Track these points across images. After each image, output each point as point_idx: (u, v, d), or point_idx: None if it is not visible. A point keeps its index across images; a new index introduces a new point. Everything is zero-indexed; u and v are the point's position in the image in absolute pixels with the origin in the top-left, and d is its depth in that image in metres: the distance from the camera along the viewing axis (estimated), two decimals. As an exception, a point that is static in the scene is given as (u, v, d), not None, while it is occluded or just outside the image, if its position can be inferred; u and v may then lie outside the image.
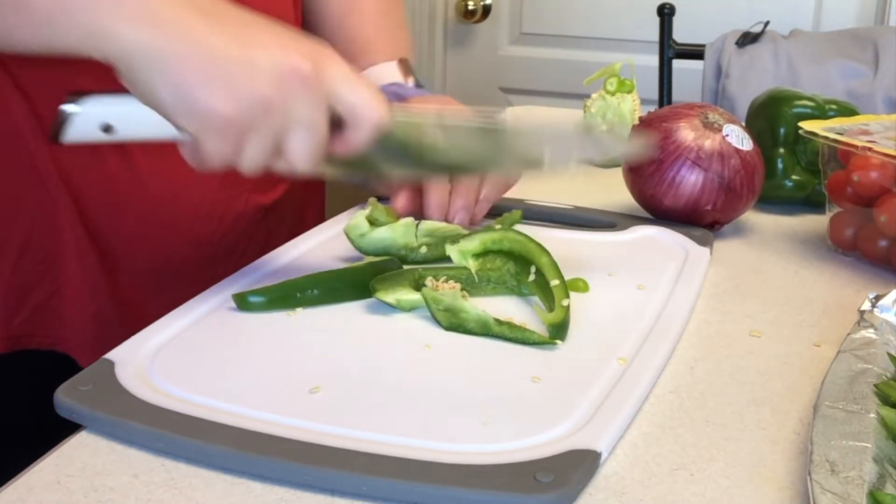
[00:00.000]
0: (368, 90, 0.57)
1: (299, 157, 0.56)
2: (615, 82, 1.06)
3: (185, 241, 0.75)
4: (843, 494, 0.40)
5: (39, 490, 0.44)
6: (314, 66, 0.54)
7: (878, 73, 1.51)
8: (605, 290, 0.65)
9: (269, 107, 0.53)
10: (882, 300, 0.59)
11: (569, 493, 0.42)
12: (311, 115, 0.54)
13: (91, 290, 0.72)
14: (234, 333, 0.58)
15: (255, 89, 0.53)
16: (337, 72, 0.55)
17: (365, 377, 0.52)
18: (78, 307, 0.72)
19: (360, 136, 0.57)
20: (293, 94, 0.53)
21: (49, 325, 0.72)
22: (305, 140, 0.55)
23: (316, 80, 0.54)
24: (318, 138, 0.56)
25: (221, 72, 0.52)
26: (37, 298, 0.72)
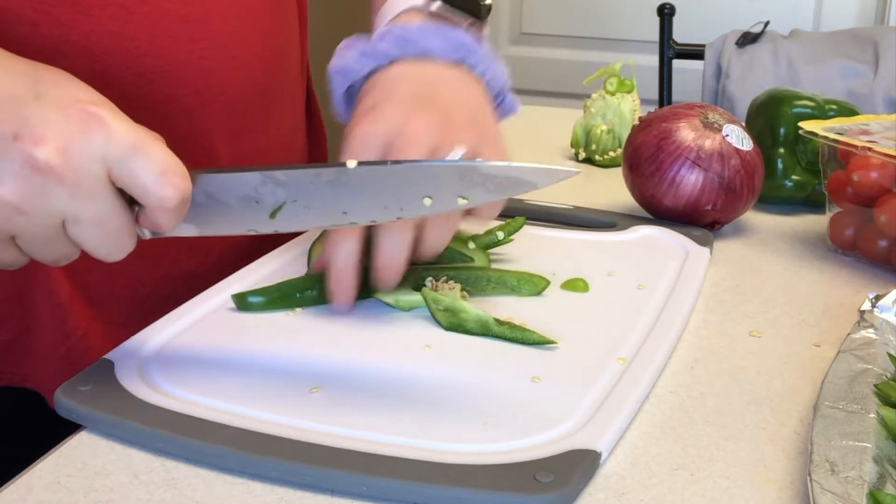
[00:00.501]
0: (152, 163, 0.46)
1: (95, 251, 0.48)
2: (615, 82, 1.06)
3: (169, 275, 0.70)
4: (843, 494, 0.40)
5: (39, 490, 0.44)
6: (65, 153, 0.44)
7: (878, 73, 1.51)
8: (605, 290, 0.65)
9: (14, 211, 0.45)
10: (882, 300, 0.59)
11: (569, 494, 0.42)
12: (80, 210, 0.45)
13: (61, 327, 0.66)
14: (234, 334, 0.58)
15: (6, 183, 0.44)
16: (107, 148, 0.45)
17: (365, 377, 0.52)
18: (49, 345, 0.67)
19: (159, 217, 0.48)
20: (44, 193, 0.44)
21: (19, 363, 0.67)
22: (89, 235, 0.47)
23: (71, 170, 0.44)
24: (107, 229, 0.47)
25: None
26: (5, 335, 0.66)
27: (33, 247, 0.47)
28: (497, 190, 0.50)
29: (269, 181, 0.50)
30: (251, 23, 0.71)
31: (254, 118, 0.73)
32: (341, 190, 0.50)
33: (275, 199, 0.51)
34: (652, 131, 0.79)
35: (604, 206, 0.85)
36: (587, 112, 1.06)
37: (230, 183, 0.50)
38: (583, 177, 1.02)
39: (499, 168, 0.50)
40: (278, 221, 0.51)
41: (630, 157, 0.81)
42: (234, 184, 0.50)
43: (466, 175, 0.49)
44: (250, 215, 0.51)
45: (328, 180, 0.50)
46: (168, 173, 0.46)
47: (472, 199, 0.50)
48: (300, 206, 0.51)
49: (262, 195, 0.51)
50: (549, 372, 0.53)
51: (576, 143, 1.06)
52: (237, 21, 0.69)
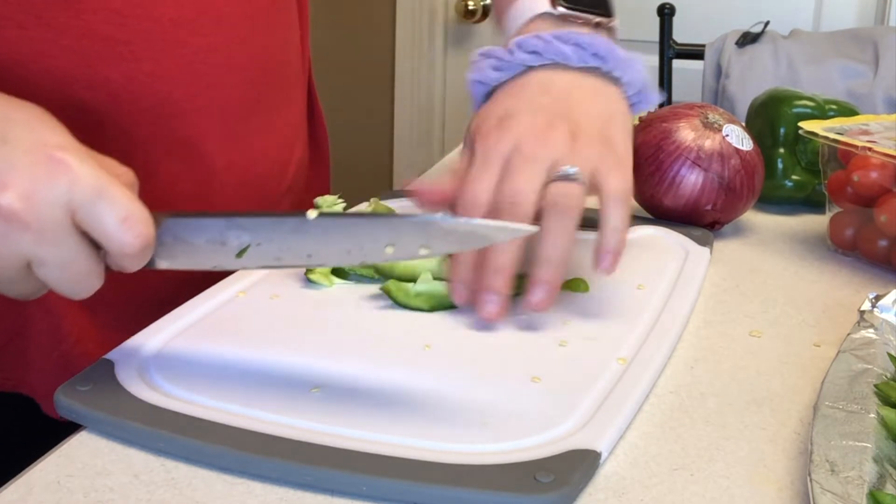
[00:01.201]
0: (115, 209, 0.46)
1: (63, 290, 0.48)
2: (615, 82, 1.06)
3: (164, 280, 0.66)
4: (843, 494, 0.40)
5: (39, 490, 0.44)
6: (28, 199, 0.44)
7: (878, 73, 1.51)
8: (605, 290, 0.65)
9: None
10: (882, 300, 0.59)
11: (569, 494, 0.42)
12: (44, 254, 0.46)
13: (54, 332, 0.66)
14: (234, 334, 0.58)
15: None
16: (70, 194, 0.45)
17: (365, 377, 0.52)
18: (42, 350, 0.66)
19: (124, 260, 0.48)
20: (7, 237, 0.45)
21: (11, 368, 0.67)
22: (56, 277, 0.47)
23: (34, 215, 0.44)
24: (72, 271, 0.47)
25: None
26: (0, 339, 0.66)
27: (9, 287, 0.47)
28: (458, 242, 0.52)
29: (234, 226, 0.51)
30: (246, 26, 0.70)
31: (249, 122, 0.73)
32: (303, 237, 0.51)
33: (239, 241, 0.51)
34: (652, 131, 0.79)
35: (604, 206, 0.84)
36: (587, 112, 1.06)
37: (195, 227, 0.51)
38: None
39: (458, 224, 0.51)
40: (245, 260, 0.52)
41: (630, 157, 0.81)
42: (199, 227, 0.51)
43: (426, 229, 0.51)
44: (217, 255, 0.52)
45: (290, 229, 0.51)
46: (130, 220, 0.46)
47: (434, 249, 0.52)
48: (266, 247, 0.52)
49: (227, 238, 0.51)
50: (549, 372, 0.53)
51: (576, 143, 1.06)
52: (230, 25, 0.69)
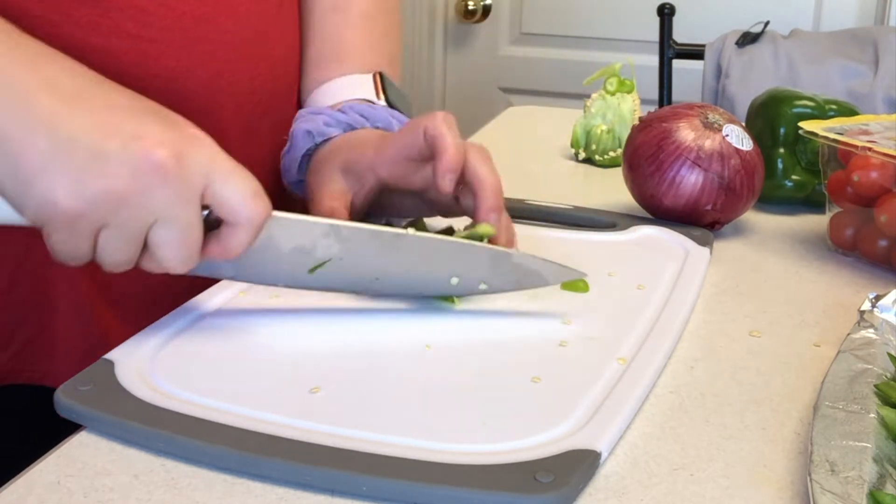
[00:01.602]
0: (246, 184, 0.51)
1: (168, 256, 0.51)
2: (615, 82, 1.06)
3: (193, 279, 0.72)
4: (843, 494, 0.40)
5: (39, 490, 0.44)
6: (179, 159, 0.49)
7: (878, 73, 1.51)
8: (605, 290, 0.65)
9: (121, 202, 0.48)
10: (882, 300, 0.59)
11: (569, 494, 0.42)
12: (176, 212, 0.49)
13: (82, 324, 0.69)
14: (234, 333, 0.58)
15: (105, 183, 0.48)
16: (210, 165, 0.50)
17: (365, 377, 0.52)
18: (68, 343, 0.69)
19: (238, 237, 0.52)
20: (151, 190, 0.48)
21: (38, 361, 0.69)
22: (172, 239, 0.50)
23: (180, 175, 0.49)
24: (189, 237, 0.50)
25: (67, 160, 0.47)
26: (25, 334, 0.68)
27: (113, 242, 0.50)
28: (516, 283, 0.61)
29: (333, 233, 0.56)
30: (260, 23, 0.73)
31: (265, 118, 0.75)
32: (389, 253, 0.58)
33: (325, 253, 0.56)
34: (652, 131, 0.79)
35: (604, 206, 0.85)
36: (587, 112, 1.06)
37: (297, 227, 0.55)
38: (583, 177, 1.02)
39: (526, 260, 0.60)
40: (313, 279, 0.57)
41: (630, 157, 0.81)
42: (300, 228, 0.55)
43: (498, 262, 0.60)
44: (293, 267, 0.56)
45: (385, 242, 0.57)
46: (258, 195, 0.51)
47: (491, 286, 0.61)
48: (343, 264, 0.57)
49: (316, 247, 0.56)
50: (549, 372, 0.53)
51: (576, 143, 1.06)
52: (246, 22, 0.71)
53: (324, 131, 0.71)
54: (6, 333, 0.68)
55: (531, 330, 0.59)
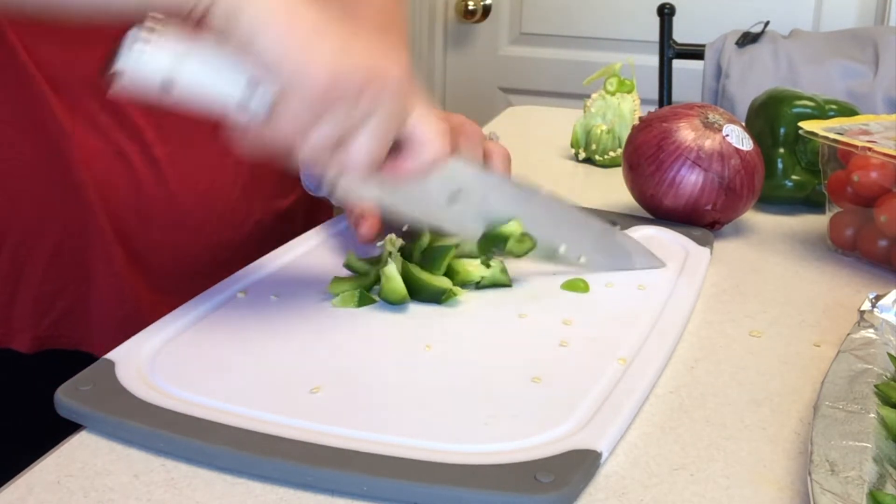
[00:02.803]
0: (441, 126, 0.58)
1: (357, 157, 0.55)
2: (615, 82, 1.06)
3: (208, 246, 0.77)
4: (843, 494, 0.40)
5: (39, 490, 0.44)
6: (405, 83, 0.55)
7: (878, 73, 1.51)
8: (605, 290, 0.65)
9: (359, 93, 0.53)
10: (882, 300, 0.59)
11: (569, 494, 0.42)
12: (387, 122, 0.55)
13: (118, 294, 0.74)
14: (234, 333, 0.58)
15: (356, 71, 0.53)
16: (418, 98, 0.57)
17: (365, 377, 0.52)
18: (105, 311, 0.74)
19: (415, 165, 0.58)
20: (382, 95, 0.54)
21: (75, 328, 0.74)
22: (371, 143, 0.55)
23: (402, 96, 0.55)
24: (382, 147, 0.56)
25: (334, 39, 0.53)
26: (65, 302, 0.74)
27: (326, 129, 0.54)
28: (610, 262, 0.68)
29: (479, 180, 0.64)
30: None
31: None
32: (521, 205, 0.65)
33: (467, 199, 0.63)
34: (652, 131, 0.79)
35: (604, 206, 0.85)
36: (587, 112, 1.06)
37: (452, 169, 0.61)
38: (583, 177, 1.02)
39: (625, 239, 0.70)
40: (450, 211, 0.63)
41: (630, 157, 0.81)
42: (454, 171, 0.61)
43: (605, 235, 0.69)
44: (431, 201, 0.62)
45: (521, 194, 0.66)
46: (446, 136, 0.58)
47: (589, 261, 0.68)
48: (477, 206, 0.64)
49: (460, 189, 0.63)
50: (550, 372, 0.53)
51: (576, 143, 1.06)
52: None
53: None
54: (47, 301, 0.74)
55: (531, 330, 0.59)
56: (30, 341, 0.74)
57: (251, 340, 0.57)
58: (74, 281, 0.73)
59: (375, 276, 0.63)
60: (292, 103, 0.52)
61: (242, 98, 0.53)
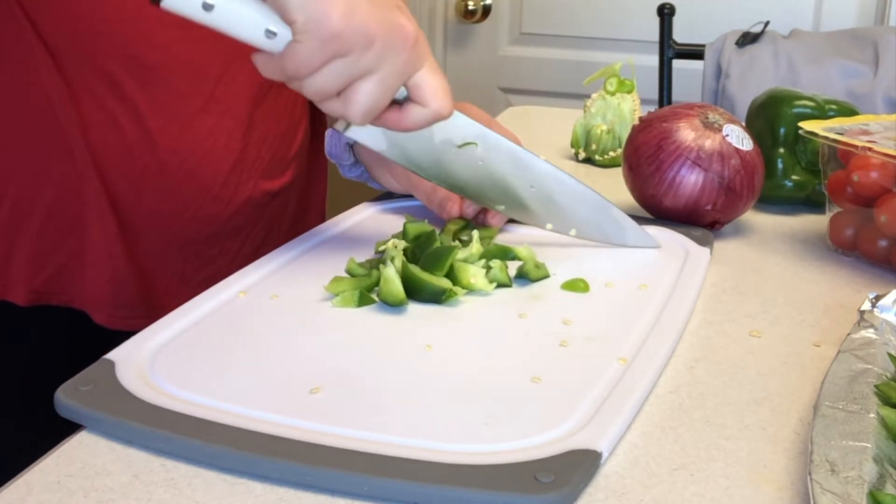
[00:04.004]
0: (444, 82, 0.61)
1: (360, 104, 0.58)
2: (615, 82, 1.06)
3: (197, 218, 0.80)
4: (843, 494, 0.40)
5: (39, 490, 0.44)
6: (417, 42, 0.58)
7: (878, 73, 1.51)
8: (606, 290, 0.65)
9: (370, 43, 0.56)
10: (882, 300, 0.59)
11: (569, 494, 0.42)
12: (392, 73, 0.58)
13: (109, 255, 0.78)
14: (234, 334, 0.58)
15: (369, 22, 0.56)
16: (428, 55, 0.60)
17: (365, 377, 0.52)
18: (96, 270, 0.78)
19: (418, 116, 0.60)
20: (391, 47, 0.57)
21: (69, 284, 0.79)
22: (375, 91, 0.58)
23: (414, 50, 0.58)
24: (384, 98, 0.58)
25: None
26: (59, 259, 0.78)
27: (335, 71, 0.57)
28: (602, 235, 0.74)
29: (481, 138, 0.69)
30: None
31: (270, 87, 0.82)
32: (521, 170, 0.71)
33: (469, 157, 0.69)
34: (652, 131, 0.79)
35: (604, 206, 0.84)
36: (587, 112, 1.06)
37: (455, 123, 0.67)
38: (583, 177, 1.02)
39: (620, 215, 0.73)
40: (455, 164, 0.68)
41: (630, 157, 0.81)
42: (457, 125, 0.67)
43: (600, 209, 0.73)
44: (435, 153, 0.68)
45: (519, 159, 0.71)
46: (449, 95, 0.61)
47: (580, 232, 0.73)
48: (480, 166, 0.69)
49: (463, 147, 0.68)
50: (550, 372, 0.53)
51: (576, 143, 1.06)
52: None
53: None
54: (43, 258, 0.78)
55: (531, 330, 0.59)
56: (26, 295, 0.78)
57: (251, 340, 0.57)
58: (69, 239, 0.77)
59: (376, 278, 0.63)
60: (305, 43, 0.55)
61: (268, 29, 0.56)
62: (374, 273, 0.64)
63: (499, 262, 0.66)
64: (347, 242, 0.73)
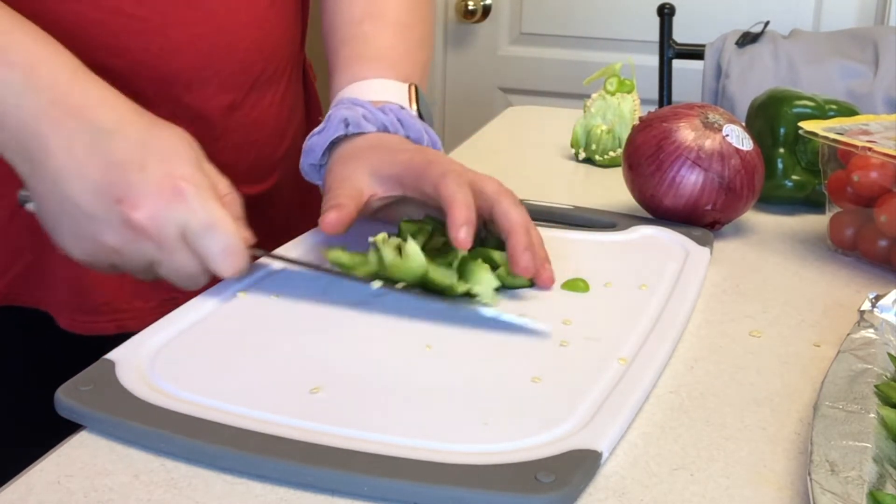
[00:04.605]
0: (221, 242, 0.58)
1: (176, 283, 0.60)
2: (615, 82, 1.06)
3: None
4: (843, 494, 0.40)
5: (39, 490, 0.44)
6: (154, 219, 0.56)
7: (878, 73, 1.51)
8: (606, 290, 0.65)
9: (115, 252, 0.58)
10: (882, 300, 0.59)
11: (570, 494, 0.42)
12: (164, 256, 0.58)
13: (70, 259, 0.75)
14: (234, 333, 0.58)
15: (98, 240, 0.57)
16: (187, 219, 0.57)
17: (365, 377, 0.52)
18: (59, 273, 0.76)
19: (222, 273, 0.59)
20: (135, 243, 0.57)
21: (34, 287, 0.78)
22: (171, 274, 0.59)
23: (158, 233, 0.57)
24: (183, 271, 0.59)
25: (70, 222, 0.58)
26: (23, 262, 0.76)
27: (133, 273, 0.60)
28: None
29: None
30: (248, 11, 0.79)
31: (248, 94, 0.81)
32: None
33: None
34: (652, 131, 0.79)
35: (604, 206, 0.85)
36: (587, 112, 1.06)
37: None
38: (583, 177, 1.02)
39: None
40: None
41: (630, 157, 0.81)
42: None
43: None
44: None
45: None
46: (228, 252, 0.58)
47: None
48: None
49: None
50: (550, 372, 0.53)
51: (576, 143, 1.06)
52: (235, 8, 0.78)
53: (360, 124, 0.72)
54: (6, 261, 0.77)
55: (531, 330, 0.59)
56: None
57: (251, 340, 0.57)
58: (31, 244, 0.76)
59: (376, 263, 0.62)
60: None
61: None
62: (374, 256, 0.63)
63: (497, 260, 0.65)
64: (347, 242, 0.72)
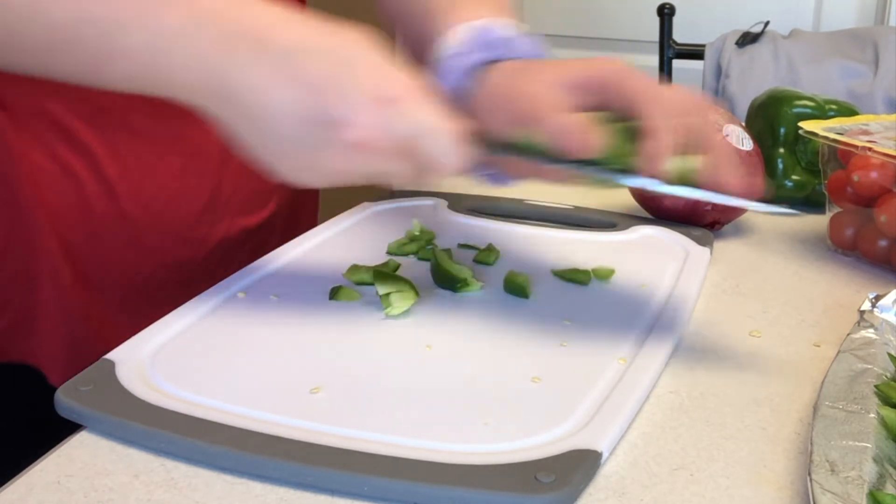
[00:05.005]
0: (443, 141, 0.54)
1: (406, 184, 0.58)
2: (615, 82, 1.06)
3: (164, 264, 0.74)
4: (843, 494, 0.40)
5: (39, 490, 0.44)
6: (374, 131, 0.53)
7: (878, 73, 1.51)
8: (606, 290, 0.65)
9: (348, 173, 0.55)
10: (882, 300, 0.59)
11: (570, 493, 0.42)
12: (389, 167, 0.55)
13: (64, 310, 0.71)
14: (234, 333, 0.58)
15: (330, 168, 0.54)
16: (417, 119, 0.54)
17: (365, 377, 0.52)
18: (51, 326, 0.71)
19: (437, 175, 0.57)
20: (367, 162, 0.54)
21: (23, 341, 0.72)
22: (400, 178, 0.56)
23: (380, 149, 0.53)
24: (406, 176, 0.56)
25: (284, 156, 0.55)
26: (11, 315, 0.71)
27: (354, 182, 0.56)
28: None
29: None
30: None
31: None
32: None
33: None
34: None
35: (604, 206, 0.85)
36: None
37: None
38: (583, 177, 1.02)
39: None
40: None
41: (630, 157, 0.81)
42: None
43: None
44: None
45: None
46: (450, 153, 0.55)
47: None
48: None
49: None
50: (550, 372, 0.53)
51: (576, 143, 1.06)
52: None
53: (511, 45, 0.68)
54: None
55: (531, 330, 0.59)
56: None
57: (251, 340, 0.57)
58: (19, 296, 0.70)
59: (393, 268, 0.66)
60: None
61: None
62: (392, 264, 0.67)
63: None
64: (347, 242, 0.73)
